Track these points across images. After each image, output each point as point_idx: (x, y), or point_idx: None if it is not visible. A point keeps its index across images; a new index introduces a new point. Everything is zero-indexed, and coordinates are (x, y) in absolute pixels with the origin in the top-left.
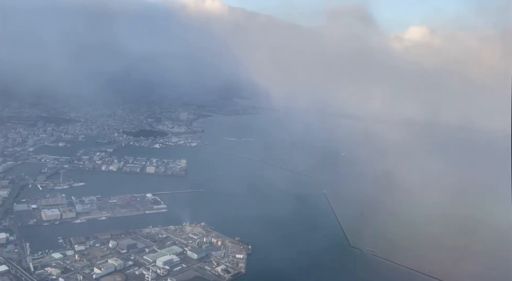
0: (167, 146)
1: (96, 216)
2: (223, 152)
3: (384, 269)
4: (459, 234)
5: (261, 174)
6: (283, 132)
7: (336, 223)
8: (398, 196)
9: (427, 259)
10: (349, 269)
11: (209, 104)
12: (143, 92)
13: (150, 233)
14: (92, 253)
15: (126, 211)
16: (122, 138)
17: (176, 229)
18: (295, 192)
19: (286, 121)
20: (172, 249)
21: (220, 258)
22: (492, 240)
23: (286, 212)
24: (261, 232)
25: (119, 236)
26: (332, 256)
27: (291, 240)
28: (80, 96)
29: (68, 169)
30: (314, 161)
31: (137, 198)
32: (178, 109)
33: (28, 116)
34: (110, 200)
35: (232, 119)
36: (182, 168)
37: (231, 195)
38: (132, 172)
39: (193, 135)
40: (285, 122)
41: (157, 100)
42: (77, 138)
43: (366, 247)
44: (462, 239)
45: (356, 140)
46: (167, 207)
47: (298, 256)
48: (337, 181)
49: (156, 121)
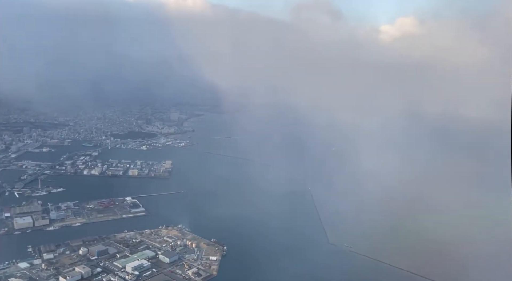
0: (155, 147)
1: (70, 223)
2: (211, 152)
3: (359, 265)
4: (441, 228)
5: (246, 173)
6: (272, 129)
7: (317, 220)
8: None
9: (406, 254)
10: (323, 265)
11: (201, 103)
12: (135, 93)
13: (124, 237)
14: (60, 261)
15: (103, 216)
16: (109, 141)
17: (152, 233)
18: (280, 190)
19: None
20: (144, 254)
21: (193, 261)
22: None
23: (268, 211)
24: (240, 232)
25: (91, 242)
26: (309, 253)
27: (269, 239)
28: (71, 100)
29: (48, 175)
30: (302, 157)
31: (115, 202)
32: (170, 109)
33: (16, 122)
34: (87, 205)
35: (224, 117)
36: (166, 170)
37: (213, 195)
38: (115, 176)
39: (182, 135)
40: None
41: (150, 101)
42: (63, 143)
43: (344, 243)
44: (444, 234)
45: (341, 134)
46: (146, 210)
47: (274, 255)
48: (323, 177)
49: (146, 122)
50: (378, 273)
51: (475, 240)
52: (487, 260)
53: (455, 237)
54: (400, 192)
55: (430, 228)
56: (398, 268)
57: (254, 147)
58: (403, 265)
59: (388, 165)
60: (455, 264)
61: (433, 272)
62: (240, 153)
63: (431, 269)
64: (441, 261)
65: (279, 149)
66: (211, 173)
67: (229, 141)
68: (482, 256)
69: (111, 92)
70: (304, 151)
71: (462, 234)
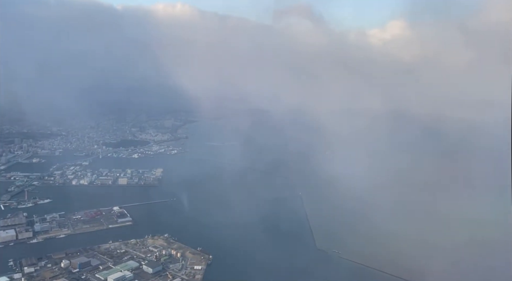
0: (147, 155)
1: (55, 234)
2: (203, 158)
3: (346, 270)
4: (429, 231)
5: (238, 179)
6: (266, 134)
7: (307, 226)
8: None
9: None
10: (310, 271)
11: (196, 109)
12: (130, 101)
13: (109, 248)
14: (41, 275)
15: (88, 227)
16: (100, 150)
17: (137, 243)
18: (271, 196)
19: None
20: (127, 265)
21: (177, 270)
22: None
23: (258, 217)
24: (228, 239)
25: (74, 254)
26: (295, 259)
27: (257, 245)
28: (65, 110)
29: (36, 186)
30: (294, 162)
31: (102, 212)
32: (165, 117)
33: (8, 133)
34: (74, 216)
35: (218, 123)
36: (157, 178)
37: (202, 203)
38: (104, 185)
39: (175, 143)
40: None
41: (145, 108)
42: (54, 153)
43: (332, 249)
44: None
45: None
46: (133, 220)
47: (260, 262)
48: (314, 182)
49: (140, 130)
50: (364, 278)
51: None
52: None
53: (443, 241)
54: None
55: (417, 232)
56: (386, 273)
57: (246, 153)
58: (391, 270)
59: (372, 168)
60: (442, 267)
61: (420, 276)
62: (232, 159)
63: (418, 273)
64: (429, 265)
65: (271, 154)
66: (201, 180)
67: (222, 147)
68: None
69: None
70: (295, 155)
71: (450, 237)
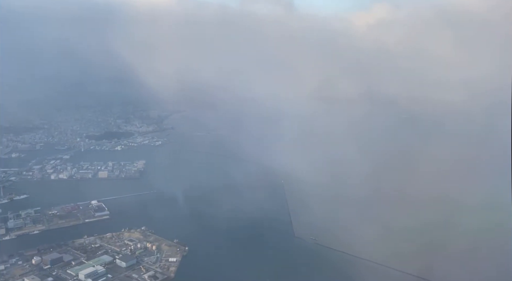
0: (130, 147)
1: (28, 231)
2: (187, 149)
3: (321, 255)
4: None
5: (220, 169)
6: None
7: (286, 214)
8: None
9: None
10: (285, 257)
11: (183, 99)
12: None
13: (83, 243)
14: (11, 273)
15: (64, 222)
16: (82, 143)
17: (113, 237)
18: (253, 185)
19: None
20: (101, 259)
21: (151, 263)
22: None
23: (238, 207)
24: (206, 230)
25: (47, 250)
26: (272, 248)
27: (235, 235)
28: (49, 102)
29: (14, 181)
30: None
31: (80, 207)
32: (151, 107)
33: None
34: (50, 211)
35: (206, 113)
36: (138, 170)
37: (183, 193)
38: (84, 179)
39: (160, 133)
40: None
41: (131, 99)
42: (35, 147)
43: (310, 236)
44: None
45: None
46: (110, 214)
47: (236, 252)
48: (298, 169)
49: (125, 122)
50: (337, 263)
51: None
52: (444, 244)
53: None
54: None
55: (396, 218)
56: (362, 259)
57: (230, 142)
58: (367, 255)
59: (351, 154)
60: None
61: (395, 261)
62: (216, 149)
63: (392, 258)
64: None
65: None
66: (184, 171)
67: (208, 137)
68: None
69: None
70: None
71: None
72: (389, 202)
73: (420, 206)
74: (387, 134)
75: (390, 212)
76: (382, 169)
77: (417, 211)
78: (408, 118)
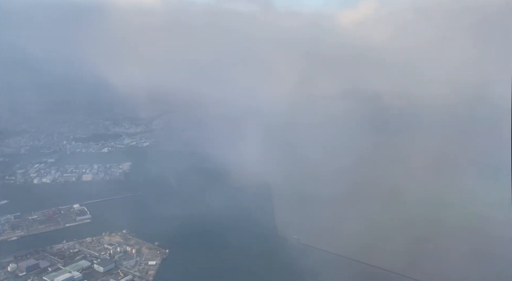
0: (117, 149)
1: (7, 237)
2: (175, 149)
3: (302, 253)
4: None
5: (207, 169)
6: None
7: (271, 214)
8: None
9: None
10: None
11: (173, 99)
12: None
13: (62, 249)
14: None
15: (44, 227)
16: (68, 146)
17: (93, 241)
18: (239, 185)
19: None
20: (78, 265)
21: (130, 267)
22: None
23: (222, 207)
24: (188, 232)
25: (24, 257)
26: (254, 248)
27: (217, 236)
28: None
29: None
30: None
31: (61, 211)
32: (141, 108)
33: None
34: (30, 216)
35: (197, 112)
36: (123, 172)
37: (167, 195)
38: (67, 182)
39: (149, 134)
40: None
41: (122, 100)
42: (20, 151)
43: (293, 235)
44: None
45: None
46: (92, 217)
47: (217, 253)
48: (283, 169)
49: (114, 123)
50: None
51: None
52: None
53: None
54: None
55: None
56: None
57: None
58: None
59: (328, 152)
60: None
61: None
62: (205, 148)
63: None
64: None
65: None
66: (169, 172)
67: (198, 136)
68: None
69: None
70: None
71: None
72: (370, 199)
73: (401, 203)
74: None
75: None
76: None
77: (399, 207)
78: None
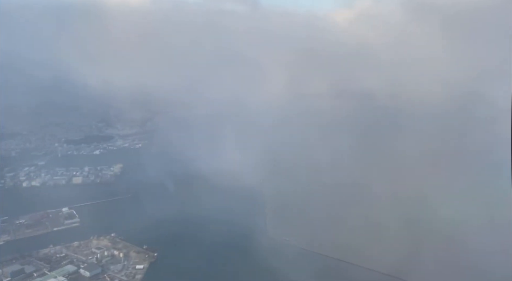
0: (109, 150)
1: None
2: (168, 151)
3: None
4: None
5: (199, 170)
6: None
7: (262, 216)
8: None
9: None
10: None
11: (168, 100)
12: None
13: (48, 253)
14: None
15: (31, 231)
16: (60, 148)
17: (81, 245)
18: (231, 186)
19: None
20: (64, 270)
21: (117, 271)
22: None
23: (214, 209)
24: (178, 234)
25: (9, 262)
26: (243, 251)
27: (207, 239)
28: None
29: None
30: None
31: (49, 215)
32: (135, 109)
33: None
34: (17, 220)
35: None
36: (114, 174)
37: (158, 197)
38: (57, 185)
39: (142, 136)
40: None
41: (117, 101)
42: (10, 154)
43: (283, 236)
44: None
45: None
46: (81, 221)
47: (206, 256)
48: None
49: (107, 125)
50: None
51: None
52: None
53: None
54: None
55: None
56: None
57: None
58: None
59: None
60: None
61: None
62: (195, 150)
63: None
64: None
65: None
66: (161, 174)
67: (192, 137)
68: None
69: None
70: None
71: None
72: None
73: (391, 203)
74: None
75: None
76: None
77: (390, 208)
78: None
